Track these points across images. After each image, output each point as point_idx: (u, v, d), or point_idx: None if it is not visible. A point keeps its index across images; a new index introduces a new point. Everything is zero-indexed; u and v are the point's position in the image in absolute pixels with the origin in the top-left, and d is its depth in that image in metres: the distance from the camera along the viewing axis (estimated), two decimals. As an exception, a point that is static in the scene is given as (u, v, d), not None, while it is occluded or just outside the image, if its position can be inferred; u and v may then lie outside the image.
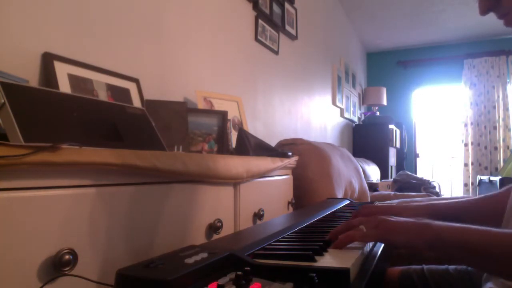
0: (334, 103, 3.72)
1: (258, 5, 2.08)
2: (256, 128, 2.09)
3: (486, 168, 4.72)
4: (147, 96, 1.25)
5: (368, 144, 4.34)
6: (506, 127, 4.68)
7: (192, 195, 0.81)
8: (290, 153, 1.38)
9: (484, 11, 0.66)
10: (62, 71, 0.98)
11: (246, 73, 2.02)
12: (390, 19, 4.40)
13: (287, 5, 2.47)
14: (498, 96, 4.74)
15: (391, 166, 4.44)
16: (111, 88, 1.11)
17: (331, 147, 2.11)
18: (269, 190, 1.23)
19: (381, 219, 0.66)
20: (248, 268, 0.46)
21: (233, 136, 1.50)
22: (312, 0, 3.12)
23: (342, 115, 4.03)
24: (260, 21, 2.13)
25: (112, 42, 1.19)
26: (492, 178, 3.62)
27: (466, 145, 4.82)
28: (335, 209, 1.18)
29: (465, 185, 4.81)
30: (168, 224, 0.73)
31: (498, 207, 0.78)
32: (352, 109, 4.39)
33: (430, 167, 5.32)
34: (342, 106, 3.96)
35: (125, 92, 1.17)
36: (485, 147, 4.74)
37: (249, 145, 1.25)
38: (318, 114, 3.27)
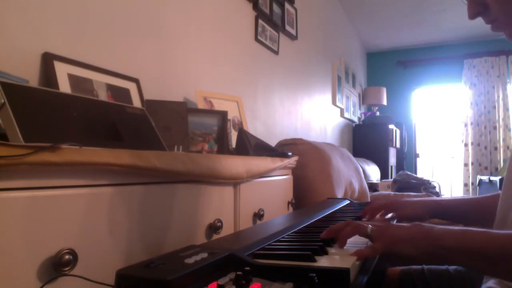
0: (334, 103, 3.72)
1: (258, 5, 2.08)
2: (256, 128, 2.09)
3: (486, 168, 4.71)
4: (147, 96, 1.25)
5: (368, 144, 4.34)
6: (506, 127, 4.68)
7: (192, 195, 0.81)
8: (290, 153, 1.38)
9: (472, 15, 0.67)
10: (62, 71, 0.98)
11: (246, 73, 2.02)
12: (390, 19, 4.40)
13: (287, 5, 2.47)
14: (498, 96, 4.73)
15: (391, 166, 4.44)
16: (111, 88, 1.11)
17: (331, 147, 2.11)
18: (269, 190, 1.23)
19: (385, 228, 0.65)
20: (248, 268, 0.46)
21: (233, 136, 1.50)
22: (312, 0, 3.12)
23: (342, 115, 4.03)
24: (260, 21, 2.13)
25: (112, 42, 1.19)
26: (492, 178, 3.62)
27: (466, 145, 4.82)
28: (335, 209, 1.18)
29: (465, 185, 4.81)
30: (168, 224, 0.73)
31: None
32: (352, 109, 4.39)
33: (430, 167, 5.32)
34: (342, 106, 3.96)
35: (125, 92, 1.17)
36: (485, 147, 4.73)
37: (249, 145, 1.25)
38: (318, 114, 3.27)
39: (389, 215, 0.98)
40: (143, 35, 1.32)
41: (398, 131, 4.70)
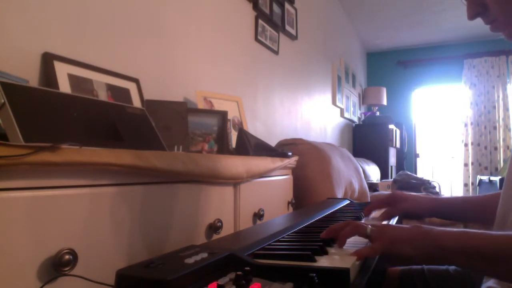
0: (334, 103, 3.72)
1: (258, 5, 2.08)
2: (256, 128, 2.09)
3: (486, 168, 4.71)
4: (147, 96, 1.25)
5: (368, 144, 4.34)
6: (506, 127, 4.68)
7: (192, 195, 0.81)
8: (290, 153, 1.38)
9: (472, 16, 0.68)
10: (62, 71, 0.98)
11: (246, 73, 2.02)
12: (390, 19, 4.40)
13: (287, 5, 2.47)
14: (498, 96, 4.73)
15: (391, 166, 4.44)
16: (111, 88, 1.11)
17: (331, 147, 2.11)
18: (269, 190, 1.23)
19: (384, 228, 0.65)
20: (248, 268, 0.46)
21: (233, 136, 1.50)
22: (312, 0, 3.12)
23: (342, 115, 4.03)
24: (260, 21, 2.13)
25: (112, 42, 1.19)
26: (492, 178, 3.62)
27: (466, 145, 4.82)
28: (335, 209, 1.18)
29: (465, 185, 4.81)
30: (168, 224, 0.73)
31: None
32: (352, 109, 4.39)
33: (430, 167, 5.32)
34: (342, 106, 3.96)
35: (125, 92, 1.17)
36: (485, 147, 4.73)
37: (249, 145, 1.25)
38: (318, 114, 3.27)
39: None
40: (143, 35, 1.32)
41: (398, 131, 4.70)
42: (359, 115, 4.78)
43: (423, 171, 5.28)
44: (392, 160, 4.51)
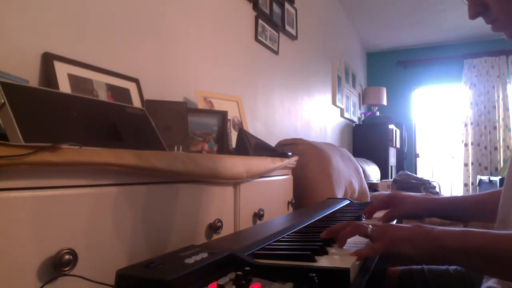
0: (334, 103, 3.72)
1: (258, 5, 2.08)
2: (256, 128, 2.09)
3: (486, 168, 4.71)
4: (147, 96, 1.25)
5: (368, 144, 4.34)
6: (506, 127, 4.68)
7: (192, 195, 0.81)
8: (290, 153, 1.38)
9: (473, 16, 0.68)
10: (62, 71, 0.98)
11: (246, 73, 2.02)
12: (390, 19, 4.40)
13: (287, 5, 2.47)
14: (498, 96, 4.73)
15: (391, 166, 4.44)
16: (111, 88, 1.11)
17: (331, 147, 2.11)
18: (269, 190, 1.23)
19: (385, 228, 0.65)
20: (248, 268, 0.46)
21: (233, 136, 1.50)
22: (312, 0, 3.12)
23: (342, 115, 4.03)
24: (260, 21, 2.13)
25: (112, 42, 1.19)
26: (492, 178, 3.62)
27: (466, 145, 4.82)
28: (335, 209, 1.18)
29: (465, 185, 4.81)
30: (168, 224, 0.73)
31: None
32: (352, 109, 4.39)
33: (430, 167, 5.32)
34: (342, 106, 3.96)
35: (125, 92, 1.17)
36: (485, 147, 4.73)
37: (249, 145, 1.25)
38: (318, 114, 3.27)
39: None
40: (143, 35, 1.32)
41: (398, 131, 4.70)
42: (359, 115, 4.78)
43: (423, 171, 5.28)
44: (392, 160, 4.51)
